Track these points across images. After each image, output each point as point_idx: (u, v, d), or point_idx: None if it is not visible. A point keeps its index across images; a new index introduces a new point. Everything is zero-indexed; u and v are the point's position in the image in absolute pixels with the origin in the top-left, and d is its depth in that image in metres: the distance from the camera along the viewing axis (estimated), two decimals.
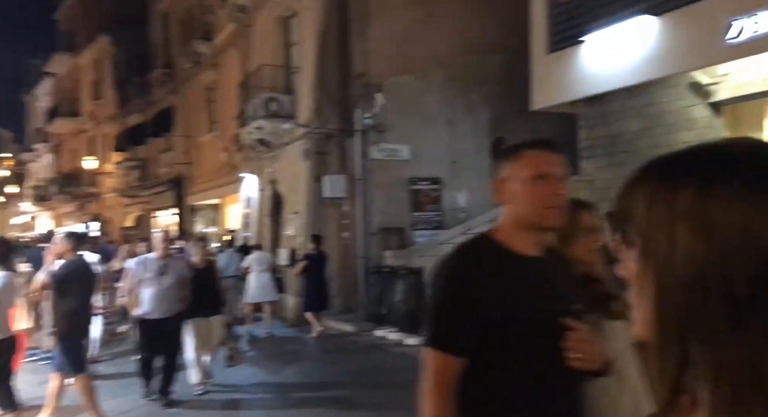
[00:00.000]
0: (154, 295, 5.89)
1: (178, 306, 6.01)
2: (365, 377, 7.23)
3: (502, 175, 1.65)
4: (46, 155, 35.74)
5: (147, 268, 5.99)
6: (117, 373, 7.56)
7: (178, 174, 19.62)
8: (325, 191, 11.29)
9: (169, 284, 5.93)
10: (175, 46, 19.86)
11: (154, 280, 5.90)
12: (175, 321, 6.06)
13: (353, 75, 11.50)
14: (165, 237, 6.29)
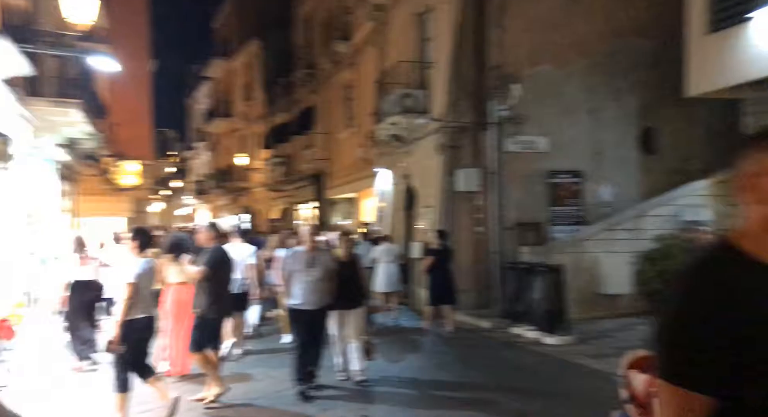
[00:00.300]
0: (303, 286, 6.07)
1: (326, 298, 6.18)
2: (507, 378, 6.94)
3: (755, 169, 1.33)
4: (205, 153, 39.44)
5: (296, 260, 6.18)
6: (266, 349, 8.21)
7: (318, 169, 20.62)
8: (458, 185, 11.23)
9: (317, 277, 6.08)
10: (316, 47, 20.86)
11: (303, 272, 6.07)
12: (323, 312, 6.25)
13: (489, 67, 11.30)
14: (313, 230, 6.41)
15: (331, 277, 6.20)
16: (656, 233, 9.69)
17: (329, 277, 6.17)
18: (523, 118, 11.24)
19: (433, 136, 12.00)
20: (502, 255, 10.97)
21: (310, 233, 6.29)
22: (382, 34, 15.13)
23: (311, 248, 6.19)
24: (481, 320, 10.13)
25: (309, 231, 6.35)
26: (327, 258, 6.33)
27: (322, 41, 19.94)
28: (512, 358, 7.97)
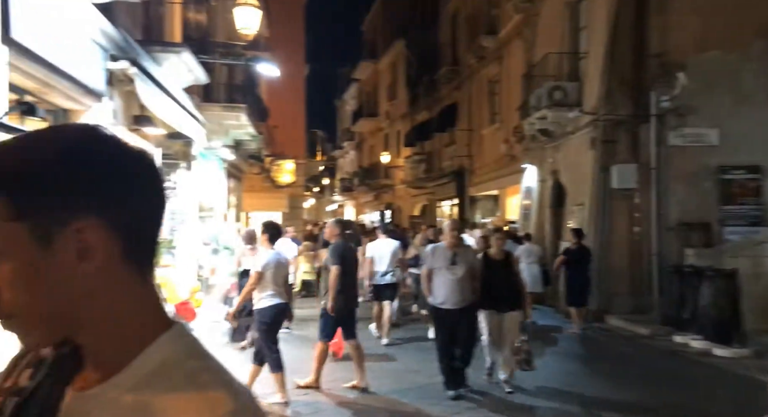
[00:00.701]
0: (445, 285, 5.79)
1: (470, 297, 5.83)
2: (672, 394, 6.22)
3: None
4: (351, 152, 41.18)
5: (437, 257, 5.88)
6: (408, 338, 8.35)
7: (460, 166, 20.56)
8: (613, 182, 10.56)
9: (460, 275, 5.76)
10: (461, 43, 20.81)
11: (445, 270, 5.79)
12: (467, 313, 5.86)
13: (649, 55, 10.47)
14: (454, 226, 6.06)
15: (475, 275, 5.88)
16: None
17: (473, 276, 5.86)
18: (689, 110, 10.28)
19: (584, 131, 11.41)
20: (662, 257, 10.13)
21: (451, 229, 5.95)
22: (531, 26, 14.68)
23: (453, 244, 5.87)
24: (638, 326, 9.44)
25: (450, 226, 6.02)
26: (471, 255, 6.04)
27: (467, 37, 19.85)
28: (676, 370, 7.34)
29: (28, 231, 0.68)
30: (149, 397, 0.70)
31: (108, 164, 0.71)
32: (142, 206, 0.74)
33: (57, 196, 0.68)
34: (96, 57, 5.60)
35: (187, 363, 0.74)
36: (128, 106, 6.76)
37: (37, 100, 4.89)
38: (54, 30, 4.67)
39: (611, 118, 10.71)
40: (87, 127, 0.75)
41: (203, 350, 0.78)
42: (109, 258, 0.71)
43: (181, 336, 0.77)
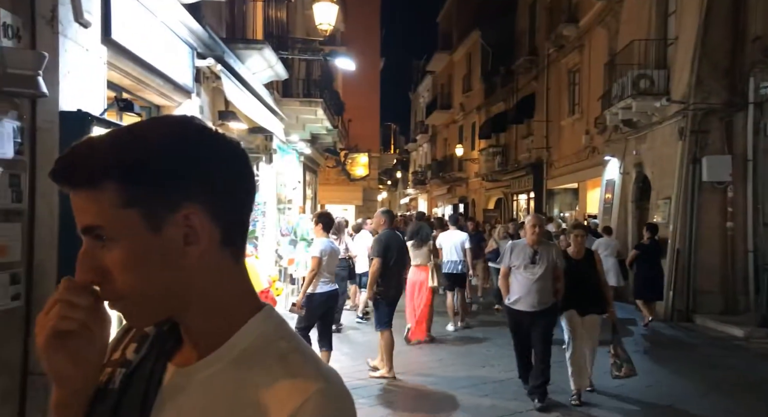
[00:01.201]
0: (522, 284, 5.42)
1: (549, 300, 5.43)
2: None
3: None
4: (425, 144, 41.09)
5: (517, 254, 5.49)
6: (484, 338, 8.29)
7: (538, 158, 20.05)
8: (704, 174, 9.95)
9: (539, 274, 5.36)
10: (540, 32, 20.24)
11: (523, 269, 5.42)
12: (545, 316, 5.43)
13: (748, 39, 9.75)
14: (536, 221, 5.58)
15: (559, 276, 5.44)
16: None
17: (556, 276, 5.44)
18: None
19: (672, 121, 10.82)
20: (758, 254, 9.46)
21: (533, 224, 5.49)
22: (614, 14, 14.05)
23: (535, 242, 5.42)
24: (731, 327, 8.88)
25: (532, 221, 5.55)
26: (553, 253, 5.51)
27: (546, 26, 19.27)
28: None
29: (140, 217, 0.72)
30: (243, 374, 0.74)
31: (209, 153, 0.75)
32: (237, 193, 0.78)
33: (166, 184, 0.72)
34: (185, 55, 5.89)
35: (278, 343, 0.78)
36: (214, 101, 7.06)
37: (132, 97, 5.21)
38: (147, 30, 4.95)
39: (702, 106, 10.09)
40: (186, 119, 0.79)
41: (291, 331, 0.82)
42: (210, 243, 0.75)
43: (271, 318, 0.81)
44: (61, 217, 3.59)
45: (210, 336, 0.78)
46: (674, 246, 10.18)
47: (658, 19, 12.06)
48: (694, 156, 10.14)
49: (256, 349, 0.76)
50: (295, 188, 12.53)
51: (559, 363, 5.87)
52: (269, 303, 0.84)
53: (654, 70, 11.47)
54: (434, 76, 37.22)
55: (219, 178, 0.75)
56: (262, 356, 0.75)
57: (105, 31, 4.19)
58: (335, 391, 0.75)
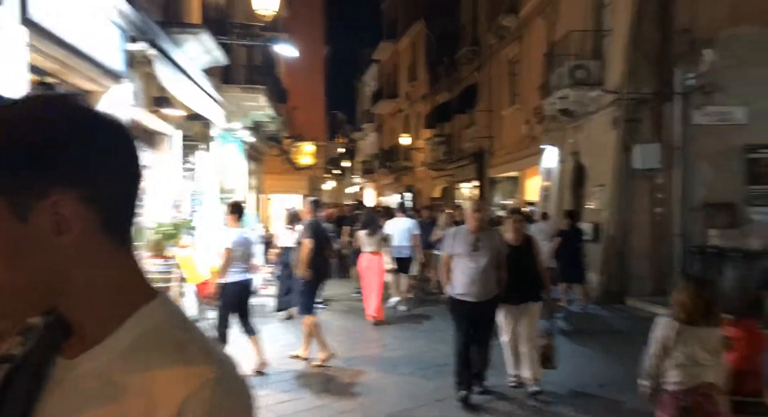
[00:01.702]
0: (465, 274, 5.13)
1: (493, 289, 5.20)
2: None
3: None
4: (371, 134, 41.08)
5: (459, 241, 5.22)
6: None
7: (480, 147, 20.40)
8: (635, 162, 10.38)
9: (483, 263, 5.10)
10: (482, 23, 20.50)
11: (466, 257, 5.14)
12: (489, 306, 5.25)
13: (676, 31, 10.19)
14: (477, 207, 5.34)
15: (501, 263, 5.22)
16: None
17: (498, 264, 5.20)
18: (716, 87, 10.02)
19: (607, 110, 11.21)
20: (685, 238, 9.98)
21: (474, 210, 5.26)
22: (553, 5, 14.39)
23: (477, 228, 5.16)
24: (659, 308, 9.33)
25: (473, 207, 5.33)
26: (496, 240, 5.28)
27: (488, 17, 19.54)
28: None
29: (5, 206, 0.69)
30: (134, 364, 0.72)
31: (82, 136, 0.71)
32: (118, 178, 0.75)
33: (31, 170, 0.69)
34: (115, 38, 5.65)
35: (172, 332, 0.76)
36: (148, 87, 6.83)
37: (58, 81, 4.96)
38: (72, 11, 4.72)
39: (635, 96, 10.50)
40: (60, 98, 0.76)
41: (187, 320, 0.79)
42: (86, 230, 0.72)
43: (164, 306, 0.78)
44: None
45: (96, 326, 0.75)
46: (608, 231, 10.60)
47: (593, 11, 12.42)
48: (626, 144, 10.55)
49: (149, 339, 0.74)
50: (238, 177, 12.31)
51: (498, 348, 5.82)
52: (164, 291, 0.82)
53: (590, 61, 11.83)
54: (380, 65, 37.17)
55: (95, 162, 0.71)
56: (155, 345, 0.73)
57: (22, 11, 3.97)
58: (229, 378, 0.73)
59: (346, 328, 8.51)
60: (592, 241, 11.13)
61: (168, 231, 5.87)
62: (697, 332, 3.40)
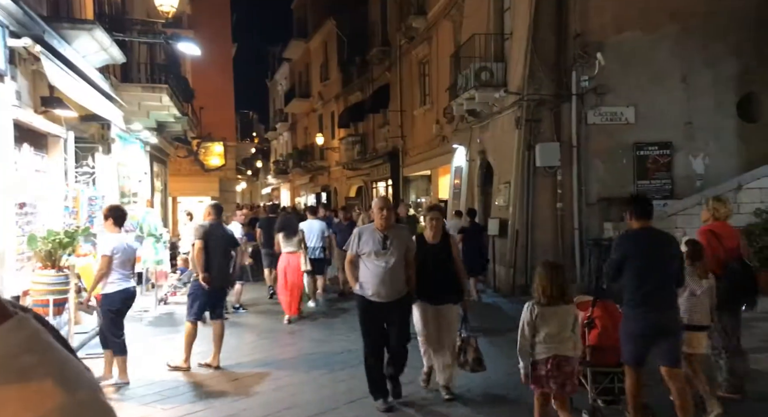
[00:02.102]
0: (374, 274, 4.89)
1: (404, 288, 4.99)
2: None
3: None
4: (285, 133, 40.48)
5: (366, 240, 4.97)
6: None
7: (394, 147, 20.66)
8: (537, 160, 10.90)
9: (392, 263, 4.87)
10: (391, 23, 20.74)
11: (374, 256, 4.90)
12: (400, 307, 5.01)
13: (570, 36, 10.81)
14: (384, 204, 5.09)
15: (410, 262, 5.01)
16: (756, 207, 9.04)
17: (408, 263, 4.99)
18: (607, 89, 10.74)
19: (510, 111, 11.69)
20: (584, 232, 10.61)
21: (380, 206, 5.02)
22: (458, 7, 14.80)
23: (384, 226, 4.93)
24: None
25: (379, 204, 5.08)
26: (405, 238, 5.07)
27: (397, 17, 19.80)
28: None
29: None
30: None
31: None
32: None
33: None
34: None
35: (21, 358, 0.70)
36: (35, 86, 6.37)
37: None
38: None
39: (535, 97, 11.01)
40: None
41: (44, 344, 0.74)
42: None
43: (18, 330, 0.73)
44: None
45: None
46: (514, 226, 11.07)
47: (495, 15, 12.91)
48: (528, 143, 11.05)
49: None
50: (141, 181, 11.74)
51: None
52: (26, 313, 0.76)
53: (493, 63, 12.28)
54: (291, 63, 36.71)
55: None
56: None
57: None
58: (81, 404, 0.69)
59: (262, 331, 8.39)
60: (499, 236, 11.59)
61: (61, 239, 5.50)
62: (556, 310, 3.95)
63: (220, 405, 5.34)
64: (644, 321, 4.06)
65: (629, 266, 4.14)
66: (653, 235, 4.30)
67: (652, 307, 4.06)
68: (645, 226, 4.26)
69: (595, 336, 4.41)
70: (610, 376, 4.43)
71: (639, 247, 4.21)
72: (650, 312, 4.05)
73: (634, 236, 4.32)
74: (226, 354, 6.91)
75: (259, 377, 6.15)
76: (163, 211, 14.61)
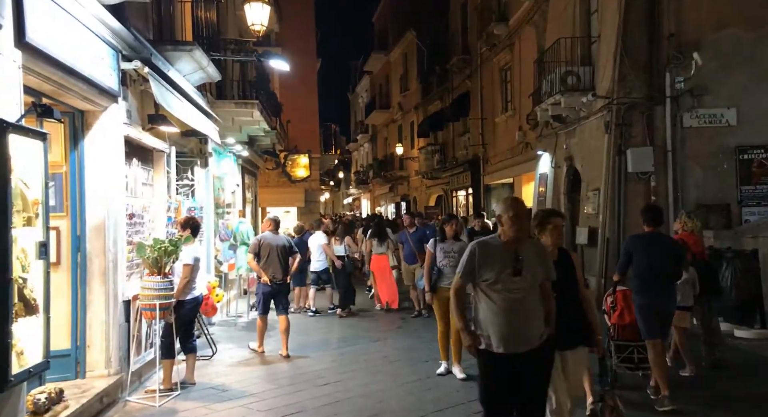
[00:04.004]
0: (500, 309, 3.45)
1: (541, 331, 3.54)
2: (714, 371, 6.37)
3: None
4: (365, 144, 41.19)
5: (487, 259, 3.52)
6: None
7: (475, 155, 20.50)
8: (629, 166, 10.46)
9: (528, 292, 3.51)
10: (472, 32, 20.68)
11: (500, 284, 3.46)
12: (537, 358, 3.47)
13: (663, 36, 10.33)
14: (518, 207, 3.59)
15: (548, 292, 3.66)
16: None
17: (545, 293, 3.64)
18: (705, 90, 10.16)
19: (598, 115, 11.31)
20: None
21: (515, 212, 3.53)
22: (541, 12, 14.55)
23: (516, 239, 3.53)
24: None
25: (512, 207, 3.54)
26: (541, 255, 3.64)
27: (477, 25, 19.72)
28: (694, 350, 7.28)
29: None
30: None
31: None
32: None
33: None
34: (109, 58, 5.69)
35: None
36: (143, 105, 6.86)
37: (52, 102, 4.99)
38: (66, 32, 4.76)
39: (625, 101, 10.60)
40: None
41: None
42: None
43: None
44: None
45: None
46: (604, 234, 10.66)
47: (581, 18, 12.57)
48: (619, 148, 10.63)
49: None
50: (234, 192, 12.33)
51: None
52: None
53: (580, 67, 11.95)
54: (372, 76, 37.36)
55: None
56: None
57: (18, 34, 4.01)
58: None
59: (348, 337, 8.55)
60: (588, 245, 11.19)
61: (166, 247, 5.88)
62: None
63: (312, 409, 5.49)
64: (647, 302, 5.18)
65: (635, 260, 5.29)
66: (657, 238, 5.37)
67: (652, 293, 5.17)
68: (653, 231, 5.41)
69: (616, 316, 5.58)
70: (630, 348, 5.52)
71: (643, 246, 5.29)
72: (652, 297, 5.17)
73: (641, 237, 5.46)
74: (314, 359, 7.14)
75: (347, 383, 6.27)
76: (254, 221, 15.25)
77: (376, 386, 6.16)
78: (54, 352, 4.49)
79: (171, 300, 5.86)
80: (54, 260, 5.34)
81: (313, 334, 9.02)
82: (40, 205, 4.12)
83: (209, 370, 6.90)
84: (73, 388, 5.16)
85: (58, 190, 5.62)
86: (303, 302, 10.98)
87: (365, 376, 6.53)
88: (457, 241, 6.62)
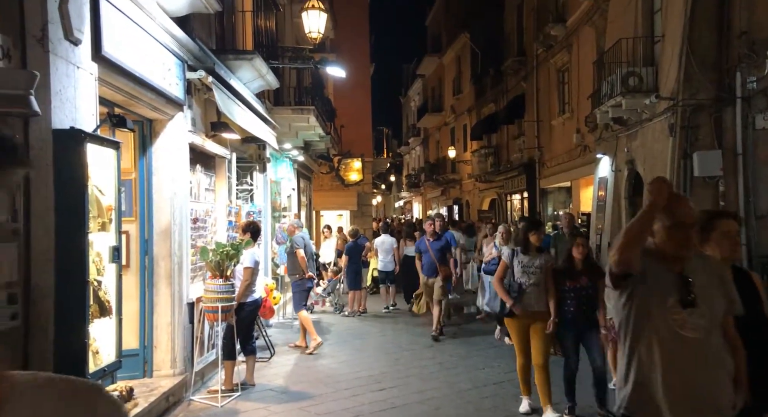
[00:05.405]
0: (673, 356, 2.64)
1: (731, 388, 2.82)
2: None
3: None
4: (417, 147, 41.14)
5: (654, 282, 2.71)
6: None
7: (530, 158, 20.13)
8: (695, 170, 10.01)
9: (708, 330, 2.62)
10: (527, 33, 20.35)
11: (671, 319, 2.64)
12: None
13: (734, 34, 9.85)
14: (684, 206, 2.81)
15: (733, 333, 2.76)
16: None
17: (729, 334, 2.81)
18: None
19: (662, 117, 10.89)
20: (754, 248, 9.53)
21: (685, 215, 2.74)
22: (601, 12, 14.16)
23: (684, 255, 2.69)
24: None
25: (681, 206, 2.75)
26: (718, 273, 2.74)
27: (534, 26, 19.39)
28: None
29: None
30: None
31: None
32: None
33: None
34: (176, 68, 5.90)
35: None
36: (206, 113, 7.08)
37: (124, 111, 5.22)
38: (137, 45, 4.97)
39: (691, 102, 10.16)
40: None
41: None
42: None
43: None
44: (57, 237, 3.59)
45: None
46: None
47: (644, 17, 12.15)
48: (684, 151, 10.20)
49: None
50: (290, 196, 12.55)
51: None
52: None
53: (642, 68, 11.55)
54: (424, 79, 37.31)
55: None
56: None
57: (95, 48, 4.21)
58: None
59: (403, 343, 8.54)
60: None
61: (228, 251, 6.03)
62: None
63: (369, 414, 5.51)
64: None
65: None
66: None
67: None
68: None
69: None
70: None
71: None
72: None
73: None
74: (371, 364, 7.16)
75: (404, 388, 6.27)
76: (308, 224, 15.47)
77: (433, 393, 6.12)
78: (124, 351, 4.68)
79: (232, 302, 6.00)
80: (124, 263, 5.57)
81: (368, 338, 9.07)
82: (114, 211, 4.31)
83: (268, 371, 7.03)
84: (142, 387, 5.36)
85: (128, 195, 5.86)
86: (358, 306, 11.05)
87: (421, 383, 6.50)
88: (540, 253, 5.49)
